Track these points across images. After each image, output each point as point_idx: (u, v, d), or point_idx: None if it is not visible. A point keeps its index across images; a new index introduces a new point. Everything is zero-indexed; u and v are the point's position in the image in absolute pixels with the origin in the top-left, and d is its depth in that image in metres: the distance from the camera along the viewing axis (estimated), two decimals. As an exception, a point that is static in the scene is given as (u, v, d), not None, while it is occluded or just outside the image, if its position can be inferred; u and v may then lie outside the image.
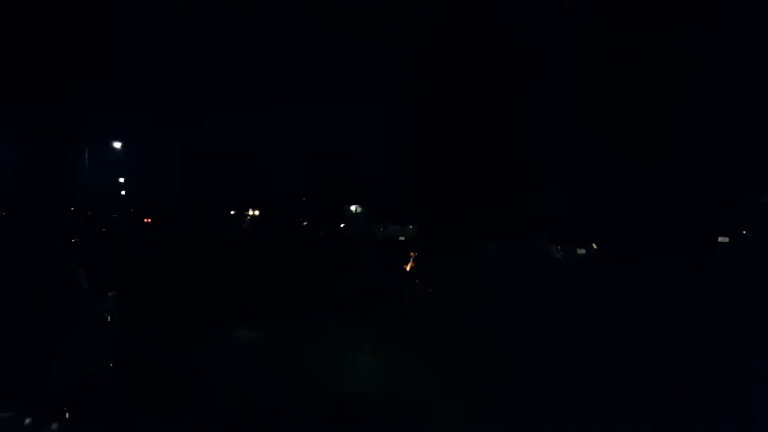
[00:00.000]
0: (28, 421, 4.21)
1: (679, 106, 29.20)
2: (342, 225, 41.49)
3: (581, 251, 20.75)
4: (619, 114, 30.58)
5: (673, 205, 27.28)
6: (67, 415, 4.90)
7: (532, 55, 32.89)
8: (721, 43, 28.51)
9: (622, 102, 30.46)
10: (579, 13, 30.78)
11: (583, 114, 31.72)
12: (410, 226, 36.79)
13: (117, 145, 40.45)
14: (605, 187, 30.59)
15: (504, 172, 34.13)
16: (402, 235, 35.92)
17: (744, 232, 25.66)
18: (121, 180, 49.81)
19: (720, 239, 25.00)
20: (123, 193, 50.54)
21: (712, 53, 28.69)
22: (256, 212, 55.58)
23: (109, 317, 6.39)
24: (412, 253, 17.29)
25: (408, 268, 19.17)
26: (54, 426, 4.42)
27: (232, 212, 55.25)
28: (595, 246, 21.13)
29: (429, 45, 36.55)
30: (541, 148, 33.23)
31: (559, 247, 20.74)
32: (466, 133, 36.10)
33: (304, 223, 45.22)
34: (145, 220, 44.25)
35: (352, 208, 50.03)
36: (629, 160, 29.91)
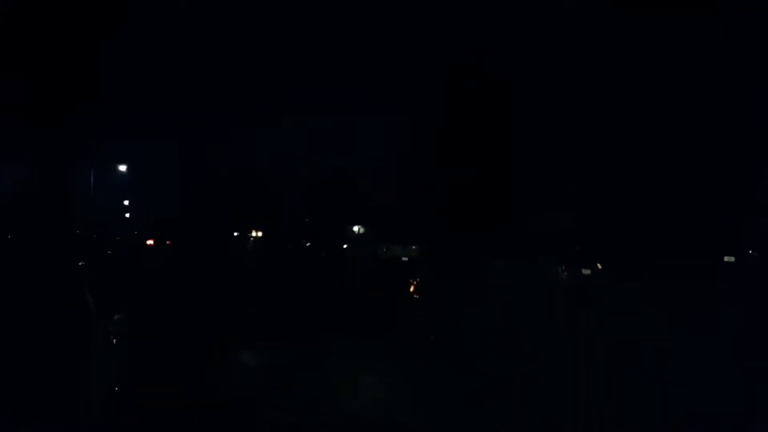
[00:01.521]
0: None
1: (687, 127, 29.33)
2: (345, 246, 41.47)
3: (586, 272, 20.68)
4: (625, 135, 30.70)
5: (679, 226, 27.28)
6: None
7: (539, 78, 33.17)
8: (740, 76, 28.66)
9: (628, 124, 30.61)
10: (581, 30, 31.04)
11: (589, 136, 31.88)
12: (413, 247, 36.71)
13: (122, 168, 40.70)
14: (610, 207, 30.61)
15: (508, 192, 34.19)
16: (405, 256, 35.91)
17: (750, 252, 25.59)
18: (126, 203, 49.99)
19: (726, 258, 24.91)
20: (127, 215, 50.70)
21: (725, 84, 28.82)
22: (259, 233, 55.66)
23: (115, 340, 6.37)
24: (412, 280, 17.20)
25: (411, 290, 19.11)
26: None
27: (235, 233, 55.36)
28: (599, 266, 21.08)
29: (434, 69, 36.88)
30: (547, 168, 33.35)
31: (563, 268, 20.67)
32: (470, 154, 36.24)
33: (307, 245, 45.25)
34: (148, 243, 44.38)
35: (355, 228, 49.99)
36: (634, 181, 29.97)
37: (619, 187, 30.35)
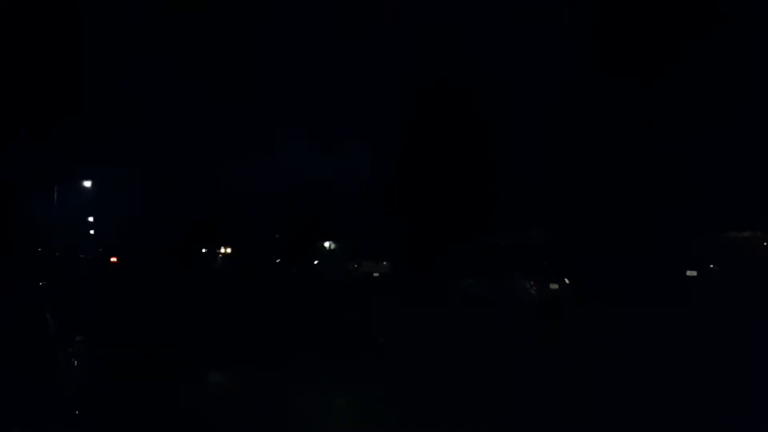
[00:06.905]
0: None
1: (650, 147, 30.14)
2: (315, 262, 41.16)
3: (554, 286, 20.93)
4: (593, 153, 31.33)
5: (644, 240, 27.91)
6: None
7: (508, 96, 33.69)
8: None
9: (596, 142, 31.23)
10: (559, 54, 31.62)
11: (557, 154, 32.51)
12: (384, 263, 36.65)
13: (87, 183, 39.82)
14: (577, 223, 31.17)
15: (480, 208, 34.48)
16: (376, 271, 35.83)
17: (711, 266, 26.29)
18: (90, 219, 48.94)
19: (688, 273, 25.54)
20: (92, 232, 49.63)
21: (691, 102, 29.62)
22: (228, 250, 54.90)
23: (76, 362, 6.15)
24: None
25: (380, 306, 19.09)
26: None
27: (203, 250, 54.55)
28: (567, 281, 21.34)
29: (407, 86, 37.18)
30: (518, 185, 33.81)
31: (532, 283, 20.91)
32: (442, 169, 36.52)
33: (277, 261, 44.80)
34: (112, 260, 43.49)
35: (326, 244, 49.71)
36: (601, 197, 30.59)
37: (586, 205, 30.95)
